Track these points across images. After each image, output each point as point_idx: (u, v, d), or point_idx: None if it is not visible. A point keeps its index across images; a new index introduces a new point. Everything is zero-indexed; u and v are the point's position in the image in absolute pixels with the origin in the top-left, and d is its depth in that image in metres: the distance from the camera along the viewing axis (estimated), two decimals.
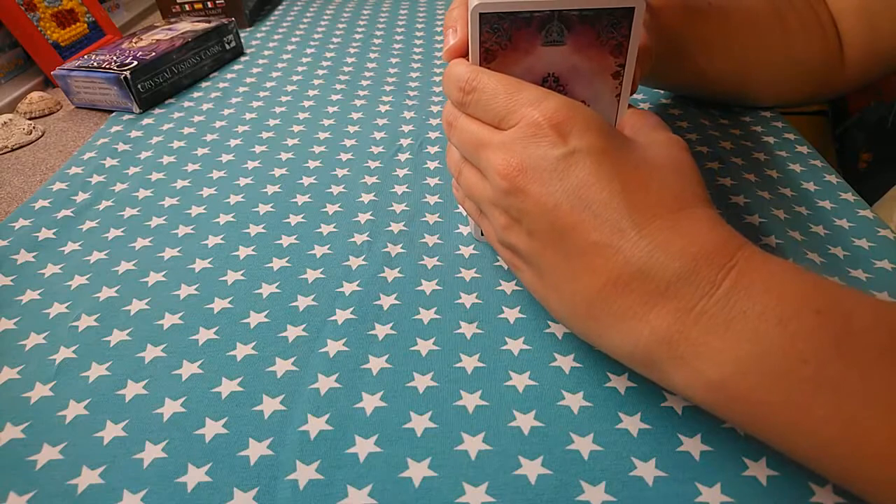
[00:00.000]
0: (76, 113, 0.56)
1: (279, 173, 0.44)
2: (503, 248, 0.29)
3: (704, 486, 0.24)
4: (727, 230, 0.24)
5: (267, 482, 0.24)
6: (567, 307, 0.26)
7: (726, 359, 0.21)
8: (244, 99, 0.56)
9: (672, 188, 0.25)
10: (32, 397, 0.28)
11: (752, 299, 0.21)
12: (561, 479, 0.24)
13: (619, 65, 0.27)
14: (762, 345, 0.21)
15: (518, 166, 0.25)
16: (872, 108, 0.80)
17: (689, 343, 0.22)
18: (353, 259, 0.36)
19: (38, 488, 0.25)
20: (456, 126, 0.29)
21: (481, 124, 0.28)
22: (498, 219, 0.27)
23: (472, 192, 0.29)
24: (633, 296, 0.23)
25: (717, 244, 0.23)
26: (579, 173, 0.24)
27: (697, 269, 0.22)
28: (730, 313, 0.22)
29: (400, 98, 0.55)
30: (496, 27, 0.26)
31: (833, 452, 0.21)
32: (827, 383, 0.20)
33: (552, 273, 0.26)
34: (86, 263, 0.36)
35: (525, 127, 0.25)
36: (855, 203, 0.39)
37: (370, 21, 0.75)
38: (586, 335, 0.26)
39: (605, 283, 0.24)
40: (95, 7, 0.66)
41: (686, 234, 0.23)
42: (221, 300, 0.33)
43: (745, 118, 0.49)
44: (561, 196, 0.24)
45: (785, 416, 0.21)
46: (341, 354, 0.30)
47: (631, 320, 0.23)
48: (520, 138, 0.25)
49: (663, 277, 0.22)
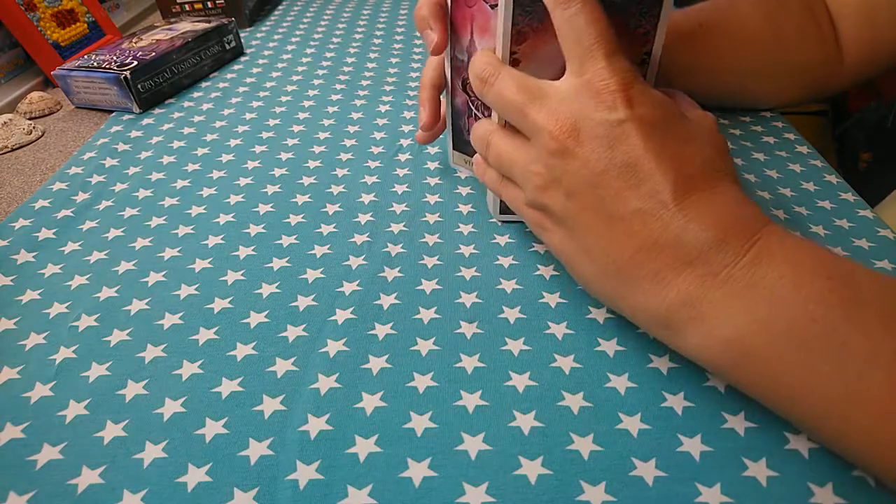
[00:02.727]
0: (76, 113, 0.56)
1: (279, 173, 0.44)
2: (531, 209, 0.29)
3: (704, 486, 0.24)
4: (754, 208, 0.26)
5: (267, 482, 0.24)
6: (597, 267, 0.27)
7: (743, 318, 0.23)
8: (244, 99, 0.56)
9: (711, 164, 0.26)
10: (32, 397, 0.28)
11: (772, 266, 0.23)
12: (561, 479, 0.24)
13: (646, 53, 0.28)
14: (776, 306, 0.23)
15: (571, 127, 0.25)
16: (872, 108, 0.80)
17: (710, 304, 0.24)
18: (353, 259, 0.36)
19: (38, 488, 0.25)
20: (496, 82, 0.28)
21: (529, 77, 0.27)
22: (533, 179, 0.27)
23: (504, 158, 0.29)
24: (665, 260, 0.24)
25: (746, 220, 0.25)
26: (632, 142, 0.25)
27: (727, 240, 0.24)
28: (752, 279, 0.23)
29: (400, 98, 0.55)
30: (529, 9, 0.27)
31: (836, 412, 0.22)
32: (834, 342, 0.22)
33: (587, 234, 0.26)
34: (86, 263, 0.36)
35: (590, 83, 0.25)
36: (855, 203, 0.39)
37: (370, 21, 0.75)
38: (609, 295, 0.27)
39: (641, 247, 0.25)
40: (95, 7, 0.66)
41: (719, 208, 0.25)
42: (221, 300, 0.33)
43: (745, 118, 0.49)
44: (609, 162, 0.25)
45: (793, 372, 0.22)
46: (341, 354, 0.30)
47: (660, 283, 0.25)
48: (579, 95, 0.25)
49: (695, 246, 0.24)
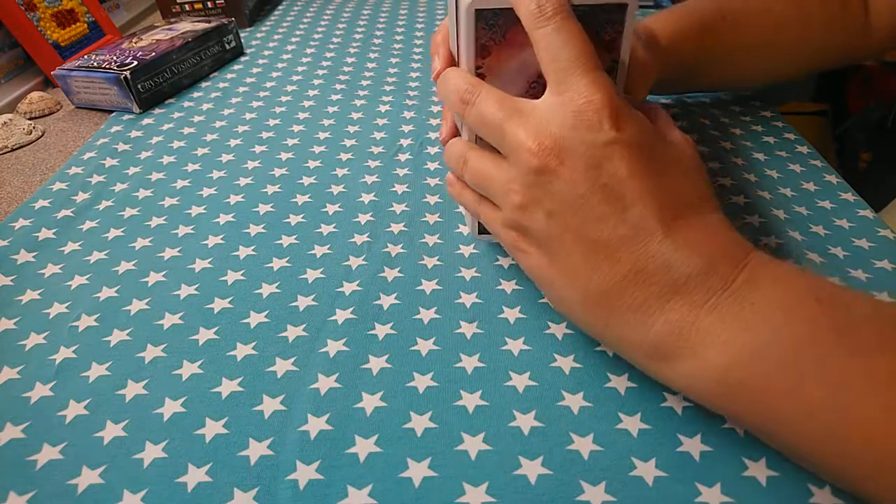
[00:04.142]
0: (76, 113, 0.56)
1: (279, 173, 0.44)
2: (507, 229, 0.27)
3: (704, 486, 0.24)
4: (737, 235, 0.25)
5: (267, 482, 0.24)
6: (577, 293, 0.25)
7: (733, 345, 0.22)
8: (244, 99, 0.56)
9: (694, 189, 0.26)
10: (32, 397, 0.28)
11: (761, 292, 0.23)
12: (561, 479, 0.24)
13: (613, 60, 0.28)
14: (767, 332, 0.22)
15: (553, 146, 0.24)
16: (872, 108, 0.80)
17: (699, 332, 0.23)
18: (353, 259, 0.36)
19: (38, 488, 0.25)
20: (477, 101, 0.26)
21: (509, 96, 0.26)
22: (512, 197, 0.26)
23: (481, 175, 0.28)
24: (651, 289, 0.24)
25: (732, 246, 0.24)
26: (618, 164, 0.24)
27: (714, 267, 0.23)
28: (741, 305, 0.23)
29: (400, 98, 0.55)
30: (491, 23, 0.26)
31: (834, 438, 0.21)
32: (827, 366, 0.21)
33: (567, 258, 0.25)
34: (86, 263, 0.36)
35: (572, 102, 0.24)
36: (855, 203, 0.39)
37: (370, 21, 0.75)
38: (590, 324, 0.26)
39: (626, 274, 0.24)
40: (95, 7, 0.66)
41: (706, 235, 0.24)
42: (221, 300, 0.33)
43: (746, 118, 0.49)
44: (594, 183, 0.24)
45: (785, 400, 0.22)
46: (341, 354, 0.30)
47: (644, 312, 0.24)
48: (562, 113, 0.24)
49: (682, 274, 0.23)
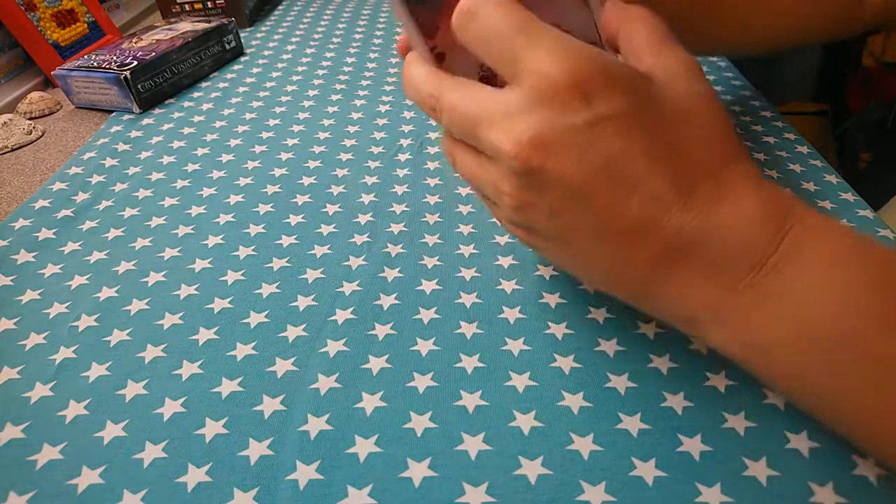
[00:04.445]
0: (76, 113, 0.56)
1: (279, 173, 0.44)
2: (514, 226, 0.25)
3: (704, 486, 0.24)
4: (773, 190, 0.22)
5: (267, 482, 0.24)
6: (604, 283, 0.25)
7: (768, 328, 0.21)
8: (244, 99, 0.56)
9: (710, 140, 0.22)
10: (32, 397, 0.28)
11: (802, 273, 0.21)
12: (561, 479, 0.24)
13: None
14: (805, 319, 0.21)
15: (530, 141, 0.21)
16: (872, 108, 0.80)
17: (734, 311, 0.22)
18: (353, 259, 0.36)
19: (38, 488, 0.25)
20: (441, 104, 0.23)
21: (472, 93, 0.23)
22: (506, 199, 0.23)
23: (472, 176, 0.25)
24: (680, 273, 0.22)
25: (766, 210, 0.22)
26: (609, 144, 0.21)
27: (748, 242, 0.21)
28: (779, 286, 0.21)
29: (400, 98, 0.55)
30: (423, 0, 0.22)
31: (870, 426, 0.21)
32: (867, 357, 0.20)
33: (584, 252, 0.23)
34: (86, 263, 0.36)
35: (535, 88, 0.21)
36: (855, 203, 0.39)
37: (370, 21, 0.74)
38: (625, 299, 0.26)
39: (648, 259, 0.22)
40: (95, 7, 0.66)
41: (732, 201, 0.21)
42: (221, 300, 0.33)
43: (746, 118, 0.49)
44: (589, 171, 0.21)
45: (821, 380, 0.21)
46: (341, 354, 0.30)
47: (676, 294, 0.23)
48: (529, 104, 0.21)
49: (711, 251, 0.21)
